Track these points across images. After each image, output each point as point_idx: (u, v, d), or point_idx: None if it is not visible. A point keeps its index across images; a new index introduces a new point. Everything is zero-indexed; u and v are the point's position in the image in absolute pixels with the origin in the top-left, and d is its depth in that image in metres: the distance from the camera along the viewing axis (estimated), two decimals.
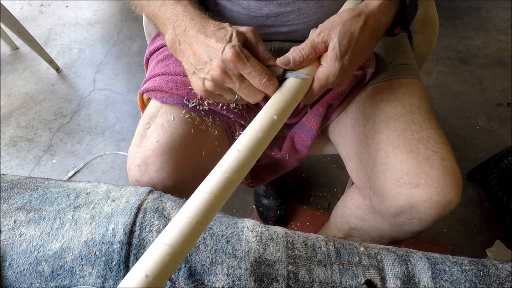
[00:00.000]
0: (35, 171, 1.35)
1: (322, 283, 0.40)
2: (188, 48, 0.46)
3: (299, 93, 0.44)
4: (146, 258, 0.32)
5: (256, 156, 0.39)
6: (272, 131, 0.41)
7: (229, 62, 0.42)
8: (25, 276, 0.40)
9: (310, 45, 0.45)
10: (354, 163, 0.63)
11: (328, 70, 0.45)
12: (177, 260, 0.32)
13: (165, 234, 0.33)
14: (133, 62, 1.74)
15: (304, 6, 0.58)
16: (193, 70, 0.47)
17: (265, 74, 0.43)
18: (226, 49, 0.42)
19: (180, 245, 0.32)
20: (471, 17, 1.85)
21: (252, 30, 0.46)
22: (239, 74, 0.43)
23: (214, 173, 0.36)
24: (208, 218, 0.35)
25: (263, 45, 0.46)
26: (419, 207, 0.52)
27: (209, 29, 0.45)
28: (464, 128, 1.39)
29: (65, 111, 1.55)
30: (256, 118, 0.41)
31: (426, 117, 0.57)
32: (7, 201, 0.46)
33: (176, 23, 0.47)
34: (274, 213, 1.15)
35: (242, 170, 0.37)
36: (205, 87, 0.46)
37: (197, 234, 0.34)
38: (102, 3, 2.07)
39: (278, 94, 0.43)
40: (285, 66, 0.45)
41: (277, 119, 0.41)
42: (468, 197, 1.21)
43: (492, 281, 0.40)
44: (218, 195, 0.35)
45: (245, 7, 0.59)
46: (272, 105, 0.42)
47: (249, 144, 0.38)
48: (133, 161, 0.55)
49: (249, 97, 0.45)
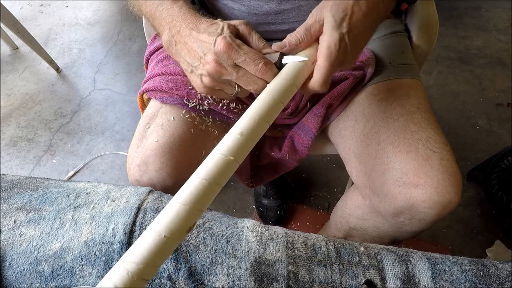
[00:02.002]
0: (35, 171, 1.35)
1: (322, 283, 0.40)
2: (184, 47, 0.46)
3: (298, 76, 0.43)
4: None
5: (255, 139, 0.38)
6: (272, 114, 0.40)
7: (222, 53, 0.42)
8: (25, 276, 0.41)
9: (303, 28, 0.44)
10: (354, 163, 0.63)
11: (327, 41, 0.42)
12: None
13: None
14: (133, 62, 1.74)
15: (305, 4, 0.58)
16: (190, 69, 0.47)
17: (260, 59, 0.42)
18: (217, 41, 0.42)
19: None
20: (471, 17, 1.85)
21: (244, 22, 0.45)
22: (234, 64, 0.43)
23: (212, 155, 0.36)
24: (207, 202, 0.35)
25: (257, 34, 0.45)
26: (418, 207, 0.52)
27: (201, 26, 0.45)
28: (464, 128, 1.39)
29: (65, 111, 1.55)
30: (256, 102, 0.40)
31: (426, 117, 0.57)
32: (7, 201, 0.46)
33: (171, 23, 0.47)
34: (274, 213, 1.15)
35: (241, 153, 0.37)
36: (204, 84, 0.46)
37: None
38: (102, 3, 2.07)
39: (277, 79, 0.42)
40: (280, 49, 0.44)
41: (278, 100, 0.40)
42: (468, 197, 1.21)
43: (492, 281, 0.40)
44: (216, 178, 0.35)
45: (246, 5, 0.60)
46: (271, 89, 0.41)
47: (249, 126, 0.37)
48: (133, 161, 0.55)
49: (249, 85, 0.44)
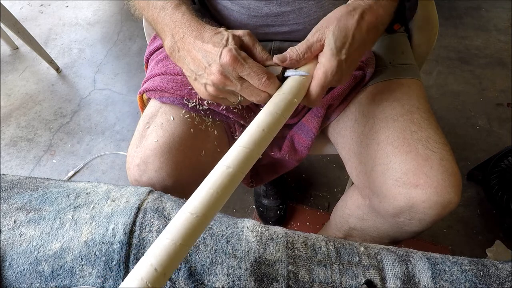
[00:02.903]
0: (35, 171, 1.35)
1: (322, 283, 0.40)
2: (187, 55, 0.47)
3: (300, 91, 0.45)
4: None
5: (260, 152, 0.40)
6: (275, 127, 0.42)
7: (227, 65, 0.43)
8: (25, 276, 0.41)
9: (305, 45, 0.45)
10: (353, 163, 0.63)
11: (325, 67, 0.44)
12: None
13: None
14: (133, 62, 1.74)
15: (305, 6, 0.58)
16: (194, 77, 0.48)
17: (264, 73, 0.43)
18: (223, 53, 0.43)
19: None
20: (471, 17, 1.85)
21: (248, 33, 0.46)
22: (238, 76, 0.44)
23: (218, 168, 0.38)
24: (212, 213, 0.36)
25: (260, 46, 0.46)
26: (418, 207, 0.52)
27: (205, 35, 0.45)
28: (464, 128, 1.39)
29: (65, 111, 1.55)
30: (259, 115, 0.42)
31: (426, 117, 0.57)
32: (7, 201, 0.46)
33: (174, 30, 0.48)
34: (274, 213, 1.15)
35: (246, 165, 0.38)
36: (208, 92, 0.47)
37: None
38: (102, 3, 2.07)
39: (279, 92, 0.44)
40: (282, 63, 0.45)
41: (280, 115, 0.42)
42: (468, 197, 1.21)
43: (492, 281, 0.40)
44: (222, 190, 0.36)
45: (245, 7, 0.59)
46: (274, 103, 0.43)
47: (252, 140, 0.39)
48: (133, 161, 0.55)
49: (252, 97, 0.46)
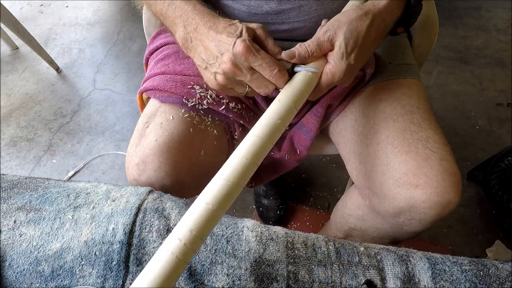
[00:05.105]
0: (35, 171, 1.35)
1: (322, 283, 0.40)
2: (200, 44, 0.48)
3: (309, 86, 0.46)
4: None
5: (273, 142, 0.41)
6: (288, 118, 0.43)
7: (240, 55, 0.44)
8: (25, 276, 0.40)
9: (315, 43, 0.46)
10: (353, 163, 0.63)
11: (335, 68, 0.46)
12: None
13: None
14: (133, 62, 1.74)
15: (305, 4, 0.58)
16: (205, 65, 0.48)
17: (275, 66, 0.44)
18: (237, 43, 0.44)
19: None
20: (471, 17, 1.85)
21: (261, 27, 0.48)
22: (249, 66, 0.45)
23: (234, 157, 0.40)
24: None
25: (272, 40, 0.47)
26: (418, 207, 0.52)
27: (220, 26, 0.46)
28: (464, 128, 1.39)
29: (65, 111, 1.55)
30: (272, 106, 0.43)
31: (426, 117, 0.57)
32: (7, 201, 0.46)
33: (187, 21, 0.49)
34: (274, 213, 1.15)
35: (261, 155, 0.41)
36: (217, 81, 0.48)
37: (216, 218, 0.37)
38: (102, 3, 2.07)
39: (289, 85, 0.45)
40: (290, 59, 0.46)
41: (292, 106, 0.43)
42: (468, 197, 1.21)
43: (492, 281, 0.40)
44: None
45: (246, 5, 0.59)
46: (286, 95, 0.44)
47: (266, 130, 0.41)
48: (132, 160, 0.55)
49: (260, 88, 0.47)
